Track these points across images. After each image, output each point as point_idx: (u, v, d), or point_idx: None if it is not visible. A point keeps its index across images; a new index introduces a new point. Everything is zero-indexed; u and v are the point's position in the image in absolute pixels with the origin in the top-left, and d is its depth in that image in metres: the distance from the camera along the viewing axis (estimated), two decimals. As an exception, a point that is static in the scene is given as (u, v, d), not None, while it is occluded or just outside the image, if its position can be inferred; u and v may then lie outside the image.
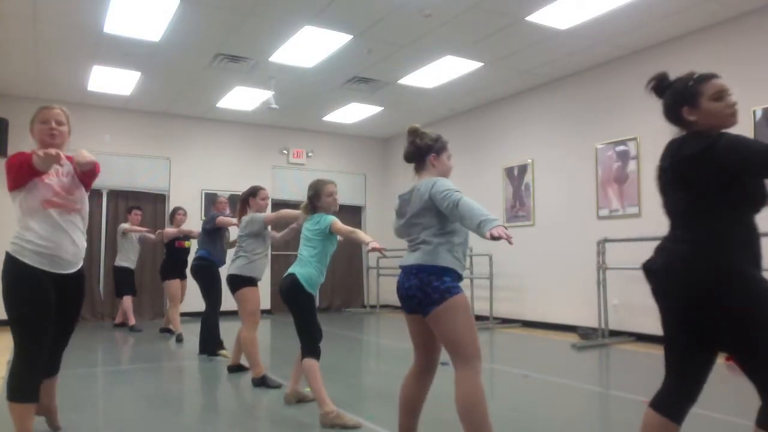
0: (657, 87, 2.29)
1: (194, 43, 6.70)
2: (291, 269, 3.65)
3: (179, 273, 7.18)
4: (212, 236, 5.88)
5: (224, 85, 8.33)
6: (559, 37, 6.47)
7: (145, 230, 8.09)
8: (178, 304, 7.13)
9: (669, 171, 2.05)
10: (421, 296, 2.47)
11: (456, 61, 7.27)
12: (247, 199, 4.88)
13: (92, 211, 8.94)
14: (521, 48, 6.82)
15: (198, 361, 5.60)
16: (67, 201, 2.83)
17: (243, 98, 8.90)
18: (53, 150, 2.55)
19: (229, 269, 4.68)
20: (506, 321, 8.44)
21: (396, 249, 11.41)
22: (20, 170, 2.69)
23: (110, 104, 9.17)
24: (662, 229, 2.20)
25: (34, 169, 2.65)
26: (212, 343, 5.75)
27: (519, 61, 7.28)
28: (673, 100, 2.12)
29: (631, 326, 6.74)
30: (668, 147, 2.09)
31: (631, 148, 6.91)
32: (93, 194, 8.84)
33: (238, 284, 4.64)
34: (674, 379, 2.18)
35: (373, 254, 11.13)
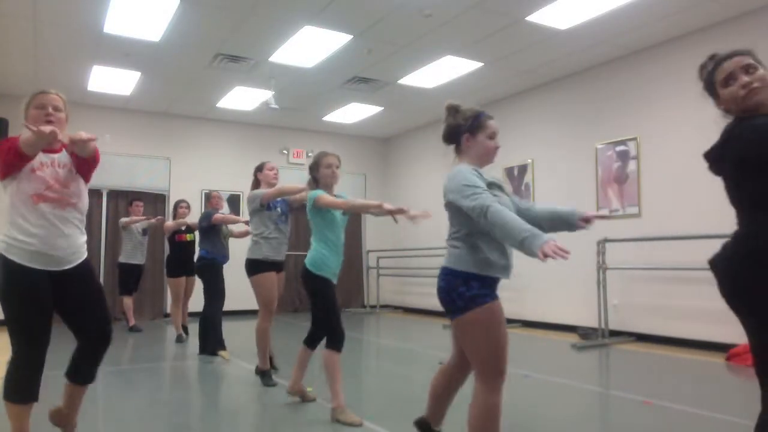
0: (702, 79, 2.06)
1: (194, 43, 6.70)
2: None
3: (183, 269, 6.93)
4: (208, 234, 5.84)
5: (224, 85, 8.33)
6: (559, 37, 6.47)
7: (143, 218, 7.79)
8: (179, 303, 7.01)
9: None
10: (447, 301, 2.29)
11: (456, 61, 7.27)
12: (257, 178, 4.74)
13: (92, 211, 8.94)
14: (521, 48, 6.82)
15: (195, 361, 5.59)
16: (62, 195, 2.60)
17: (243, 98, 8.90)
18: (48, 127, 2.32)
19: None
20: (506, 321, 8.43)
21: (396, 249, 11.46)
22: (8, 156, 2.47)
23: (110, 104, 9.17)
24: (662, 229, 2.20)
25: (23, 155, 2.45)
26: (212, 343, 5.73)
27: (519, 61, 7.28)
28: (707, 93, 2.00)
29: (631, 326, 6.74)
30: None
31: (631, 148, 6.91)
32: (93, 194, 8.84)
33: (249, 270, 4.45)
34: None
35: (373, 254, 11.14)
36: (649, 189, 6.69)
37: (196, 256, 5.86)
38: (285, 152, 10.83)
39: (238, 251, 6.01)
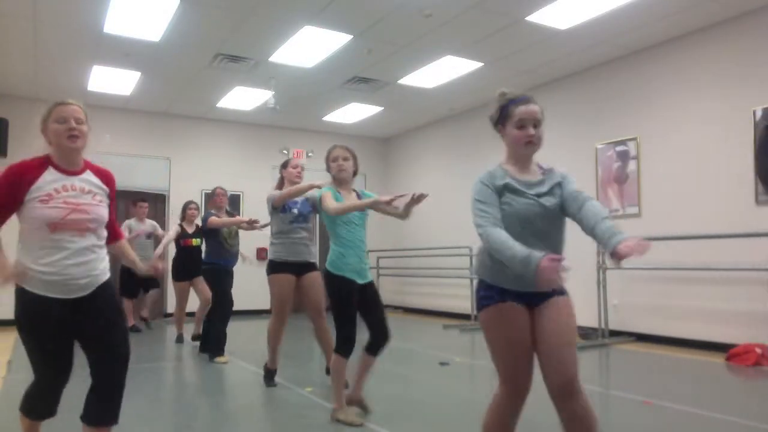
0: None
1: (194, 43, 6.70)
2: None
3: (187, 274, 6.64)
4: (208, 237, 5.69)
5: (224, 85, 8.33)
6: (559, 37, 6.47)
7: (143, 232, 7.52)
8: (183, 305, 6.79)
9: None
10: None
11: (456, 61, 7.27)
12: (282, 175, 4.64)
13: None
14: (521, 48, 6.82)
15: (194, 362, 5.59)
16: (81, 221, 2.32)
17: (243, 98, 8.90)
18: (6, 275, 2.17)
19: None
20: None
21: (396, 249, 11.46)
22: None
23: (110, 104, 9.17)
24: (662, 229, 2.20)
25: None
26: (211, 347, 5.60)
27: (519, 61, 7.28)
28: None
29: (631, 326, 6.74)
30: None
31: (631, 148, 6.91)
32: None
33: (266, 270, 4.37)
34: None
35: (373, 254, 11.14)
36: (649, 189, 6.69)
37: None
38: (285, 152, 10.83)
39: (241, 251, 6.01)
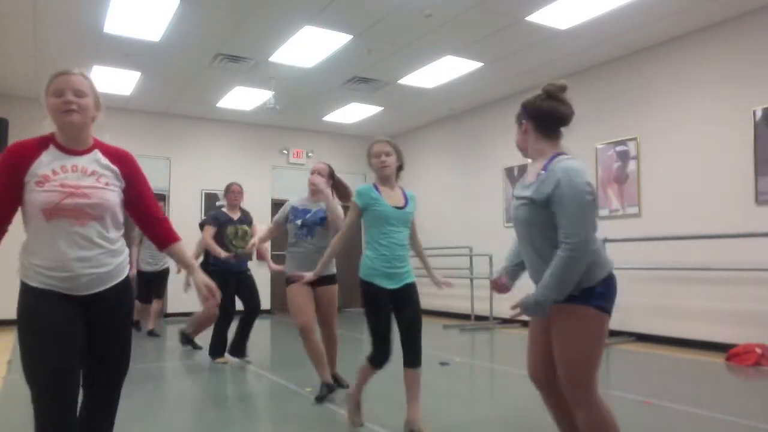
0: None
1: (194, 43, 6.70)
2: None
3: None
4: (215, 238, 5.45)
5: (224, 85, 8.33)
6: (559, 37, 6.47)
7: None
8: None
9: None
10: None
11: (456, 61, 7.27)
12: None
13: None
14: (521, 48, 6.82)
15: (194, 362, 5.59)
16: (80, 207, 1.97)
17: (243, 98, 8.90)
18: None
19: None
20: (506, 321, 8.44)
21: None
22: None
23: (110, 104, 9.14)
24: (662, 229, 2.20)
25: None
26: (214, 348, 5.50)
27: (519, 61, 7.28)
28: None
29: (631, 326, 6.73)
30: None
31: (631, 148, 6.91)
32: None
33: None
34: None
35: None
36: (649, 189, 6.69)
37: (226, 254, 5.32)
38: (285, 152, 10.83)
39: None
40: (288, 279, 4.13)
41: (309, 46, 6.76)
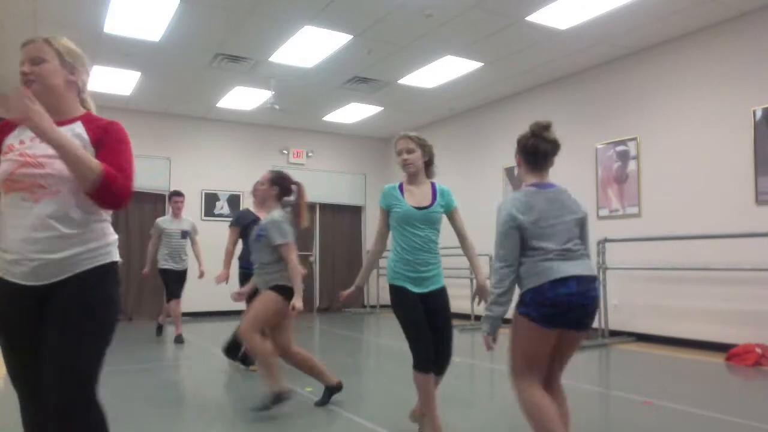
0: None
1: (194, 43, 6.71)
2: None
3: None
4: (244, 238, 5.11)
5: (224, 85, 8.33)
6: (559, 37, 6.47)
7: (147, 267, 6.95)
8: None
9: None
10: (594, 308, 2.38)
11: (456, 61, 7.27)
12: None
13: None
14: (521, 48, 6.82)
15: (196, 362, 5.59)
16: (34, 180, 1.73)
17: (243, 98, 8.90)
18: None
19: None
20: (506, 321, 8.43)
21: (396, 249, 11.43)
22: None
23: (110, 104, 9.17)
24: (662, 229, 2.20)
25: None
26: (245, 354, 5.16)
27: (519, 61, 7.28)
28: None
29: (631, 326, 6.74)
30: None
31: (631, 148, 6.91)
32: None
33: None
34: None
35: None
36: (649, 189, 6.69)
37: (226, 271, 5.09)
38: (285, 152, 10.83)
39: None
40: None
41: (309, 46, 6.76)
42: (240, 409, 3.87)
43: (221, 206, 10.01)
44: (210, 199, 9.98)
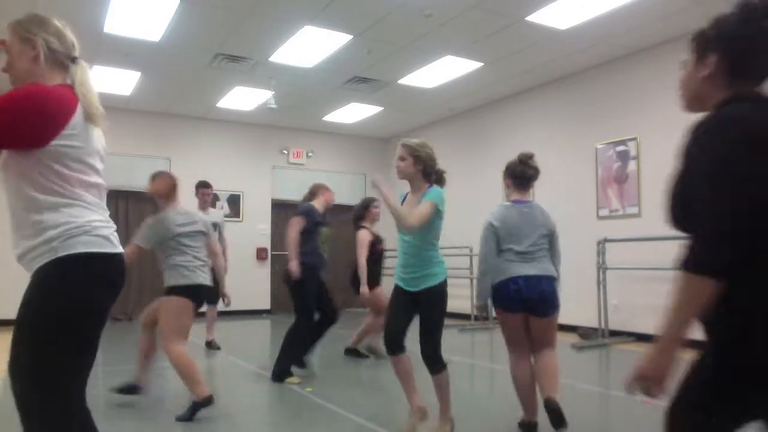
0: None
1: (194, 43, 6.70)
2: None
3: (377, 281, 5.99)
4: (312, 234, 4.94)
5: (224, 85, 8.33)
6: (559, 37, 6.47)
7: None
8: (380, 315, 5.61)
9: None
10: (556, 301, 3.22)
11: (456, 61, 7.27)
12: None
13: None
14: (521, 48, 6.82)
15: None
16: None
17: (243, 98, 8.91)
18: None
19: None
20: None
21: (395, 249, 11.43)
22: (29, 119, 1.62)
23: (110, 104, 9.13)
24: (662, 229, 2.20)
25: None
26: (279, 367, 4.67)
27: (519, 61, 7.28)
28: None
29: (631, 326, 6.73)
30: None
31: (631, 148, 6.91)
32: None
33: None
34: None
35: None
36: (649, 189, 6.69)
37: (298, 262, 4.69)
38: (285, 152, 10.83)
39: (238, 254, 5.98)
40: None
41: (309, 46, 6.76)
42: (240, 408, 3.87)
43: (221, 206, 10.00)
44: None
